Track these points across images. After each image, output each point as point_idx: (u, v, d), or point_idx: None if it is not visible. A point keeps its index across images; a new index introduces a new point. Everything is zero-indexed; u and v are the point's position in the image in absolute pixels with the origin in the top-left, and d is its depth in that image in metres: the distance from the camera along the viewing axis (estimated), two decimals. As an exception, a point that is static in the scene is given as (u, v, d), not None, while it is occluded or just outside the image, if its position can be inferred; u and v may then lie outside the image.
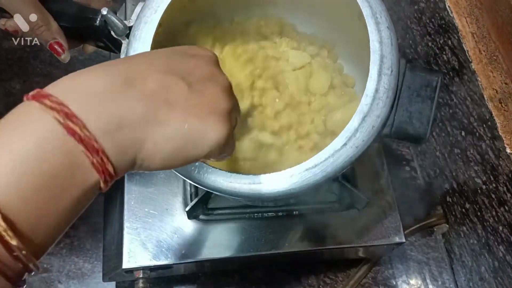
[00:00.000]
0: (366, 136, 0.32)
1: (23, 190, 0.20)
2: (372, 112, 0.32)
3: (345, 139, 0.32)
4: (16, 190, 0.20)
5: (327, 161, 0.32)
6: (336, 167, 0.33)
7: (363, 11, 0.34)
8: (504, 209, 0.50)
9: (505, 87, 0.50)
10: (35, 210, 0.20)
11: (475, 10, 0.54)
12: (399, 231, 0.54)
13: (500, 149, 0.49)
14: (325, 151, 0.33)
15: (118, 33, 0.40)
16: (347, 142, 0.32)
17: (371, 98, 0.32)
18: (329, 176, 0.33)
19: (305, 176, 0.32)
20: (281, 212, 0.54)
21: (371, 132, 0.32)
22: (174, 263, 0.50)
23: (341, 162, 0.32)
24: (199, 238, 0.51)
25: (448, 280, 0.63)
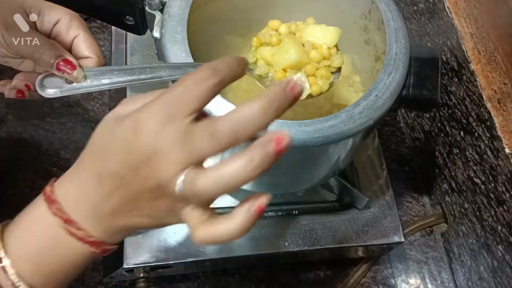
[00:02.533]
0: (393, 88, 0.38)
1: (42, 273, 0.28)
2: (395, 70, 0.39)
3: (376, 91, 0.38)
4: (38, 274, 0.28)
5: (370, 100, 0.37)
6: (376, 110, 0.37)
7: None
8: (503, 209, 0.51)
9: (504, 87, 0.50)
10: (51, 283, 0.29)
11: (474, 10, 0.54)
12: (398, 230, 0.55)
13: (499, 149, 0.49)
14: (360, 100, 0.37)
15: (153, 6, 0.40)
16: (378, 93, 0.38)
17: (393, 60, 0.39)
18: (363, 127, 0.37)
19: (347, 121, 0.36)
20: (281, 212, 0.54)
21: (396, 87, 0.38)
22: (174, 262, 0.50)
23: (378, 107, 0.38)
24: (200, 237, 0.51)
25: (447, 280, 0.63)
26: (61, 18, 0.37)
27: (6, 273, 0.28)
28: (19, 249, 0.28)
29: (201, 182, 0.24)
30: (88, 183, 0.28)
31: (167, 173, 0.24)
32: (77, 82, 0.35)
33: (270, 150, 0.23)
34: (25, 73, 0.37)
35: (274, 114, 0.24)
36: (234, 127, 0.24)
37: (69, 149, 0.64)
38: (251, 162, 0.23)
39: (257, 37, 0.45)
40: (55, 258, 0.29)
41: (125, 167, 0.26)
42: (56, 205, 0.28)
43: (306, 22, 0.46)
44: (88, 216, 0.28)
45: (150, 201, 0.26)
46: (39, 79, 0.34)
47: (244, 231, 0.25)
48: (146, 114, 0.25)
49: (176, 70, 0.35)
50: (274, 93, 0.24)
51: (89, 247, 0.28)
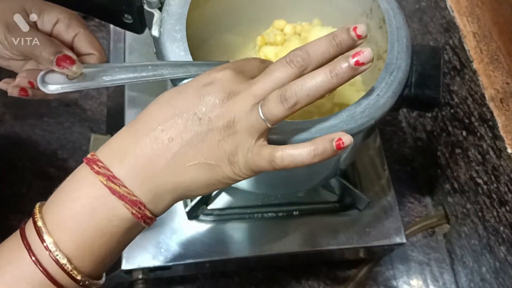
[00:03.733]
0: (395, 87, 0.38)
1: (80, 241, 0.27)
2: (397, 69, 0.38)
3: (378, 90, 0.37)
4: (76, 241, 0.27)
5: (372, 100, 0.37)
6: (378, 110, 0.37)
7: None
8: (506, 210, 0.50)
9: (507, 87, 0.50)
10: (90, 255, 0.27)
11: (476, 9, 0.54)
12: (400, 231, 0.54)
13: (501, 149, 0.49)
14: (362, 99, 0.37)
15: (152, 5, 0.39)
16: (379, 93, 0.37)
17: (395, 58, 0.39)
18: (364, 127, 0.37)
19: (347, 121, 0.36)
20: (281, 213, 0.53)
21: (397, 86, 0.38)
22: (173, 264, 0.49)
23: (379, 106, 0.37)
24: (199, 239, 0.50)
25: (449, 281, 0.63)
26: (60, 18, 0.37)
27: (44, 244, 0.26)
28: (57, 218, 0.27)
29: (288, 89, 0.27)
30: (144, 133, 0.27)
31: (242, 108, 0.28)
32: (78, 78, 0.35)
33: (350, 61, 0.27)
34: (28, 70, 0.37)
35: (337, 47, 0.28)
36: (303, 53, 0.28)
37: (66, 149, 0.64)
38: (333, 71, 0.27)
39: (261, 36, 0.45)
40: (95, 224, 0.27)
41: (197, 108, 0.27)
42: (99, 164, 0.27)
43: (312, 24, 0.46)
44: (134, 173, 0.27)
45: (215, 143, 0.27)
46: (41, 76, 0.34)
47: (319, 158, 0.28)
48: (220, 66, 0.30)
49: (178, 68, 0.35)
50: (338, 30, 0.28)
51: (130, 207, 0.27)
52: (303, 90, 0.27)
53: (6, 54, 0.36)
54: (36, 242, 0.26)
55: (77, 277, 0.27)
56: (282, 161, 0.28)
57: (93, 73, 0.35)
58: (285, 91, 0.27)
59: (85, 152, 0.62)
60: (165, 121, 0.28)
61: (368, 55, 0.27)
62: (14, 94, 0.37)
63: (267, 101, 0.27)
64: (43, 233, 0.26)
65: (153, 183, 0.28)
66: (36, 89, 0.36)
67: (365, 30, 0.27)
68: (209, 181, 0.29)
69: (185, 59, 0.37)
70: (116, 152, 0.28)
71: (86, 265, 0.27)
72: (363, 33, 0.27)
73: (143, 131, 0.28)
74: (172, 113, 0.28)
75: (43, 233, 0.26)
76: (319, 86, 0.27)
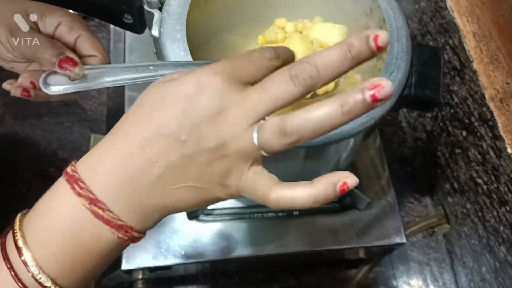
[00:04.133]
0: (394, 87, 0.37)
1: (63, 262, 0.25)
2: (397, 69, 0.38)
3: None
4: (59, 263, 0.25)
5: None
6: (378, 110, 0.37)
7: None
8: (505, 210, 0.50)
9: (507, 87, 0.50)
10: (75, 275, 0.26)
11: (476, 9, 0.54)
12: (400, 231, 0.54)
13: (501, 149, 0.49)
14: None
15: (152, 5, 0.39)
16: None
17: (395, 59, 0.39)
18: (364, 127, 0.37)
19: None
20: (281, 213, 0.53)
21: (397, 86, 0.38)
22: (173, 264, 0.49)
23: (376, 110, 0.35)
24: (199, 238, 0.50)
25: (449, 281, 0.63)
26: (62, 20, 0.37)
27: (26, 265, 0.25)
28: (39, 237, 0.26)
29: (289, 122, 0.23)
30: (125, 153, 0.25)
31: (234, 128, 0.24)
32: (79, 79, 0.34)
33: (366, 95, 0.22)
34: (31, 71, 0.38)
35: (353, 60, 0.23)
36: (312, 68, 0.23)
37: (66, 149, 0.64)
38: (344, 106, 0.23)
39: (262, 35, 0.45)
40: (79, 246, 0.25)
41: (181, 127, 0.24)
42: (80, 184, 0.25)
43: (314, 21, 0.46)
44: (118, 195, 0.25)
45: (203, 166, 0.24)
46: (43, 77, 0.34)
47: (321, 202, 0.25)
48: (210, 69, 0.25)
49: (179, 68, 0.35)
50: (354, 38, 0.23)
51: (116, 232, 0.25)
52: (308, 126, 0.23)
53: (8, 57, 0.36)
54: (17, 259, 0.25)
55: None
56: (278, 204, 0.25)
57: (94, 74, 0.35)
58: (286, 124, 0.23)
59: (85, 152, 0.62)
60: (147, 139, 0.25)
61: (387, 91, 0.22)
62: (17, 94, 0.37)
63: (264, 130, 0.24)
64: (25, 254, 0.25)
65: (138, 204, 0.25)
66: (38, 90, 0.36)
67: (387, 40, 0.23)
68: (197, 202, 0.26)
69: (185, 59, 0.37)
70: (98, 171, 0.25)
71: (71, 284, 0.26)
72: (385, 44, 0.23)
73: (124, 148, 0.25)
74: (155, 131, 0.24)
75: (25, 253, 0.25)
76: (326, 122, 0.23)
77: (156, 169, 0.25)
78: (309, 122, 0.23)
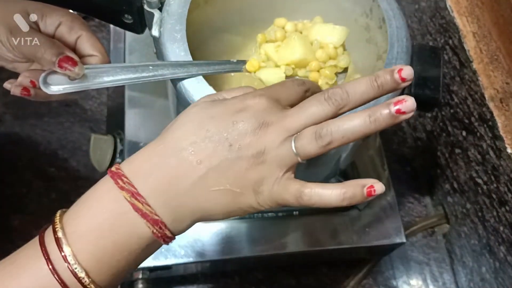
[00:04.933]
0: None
1: (99, 255, 0.27)
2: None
3: None
4: (95, 255, 0.27)
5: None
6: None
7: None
8: (505, 210, 0.50)
9: (506, 87, 0.50)
10: (108, 270, 0.27)
11: (476, 9, 0.54)
12: (400, 231, 0.54)
13: (501, 149, 0.49)
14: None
15: (152, 5, 0.39)
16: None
17: (394, 59, 0.39)
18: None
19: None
20: (281, 213, 0.53)
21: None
22: (173, 264, 0.49)
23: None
24: (199, 238, 0.50)
25: (449, 281, 0.63)
26: (63, 20, 0.37)
27: (63, 256, 0.26)
28: (78, 230, 0.27)
29: (324, 127, 0.26)
30: (171, 153, 0.27)
31: (274, 139, 0.27)
32: (79, 79, 0.35)
33: (392, 109, 0.26)
34: (31, 70, 0.38)
35: (378, 89, 0.27)
36: (342, 92, 0.27)
37: (66, 149, 0.64)
38: (372, 116, 0.26)
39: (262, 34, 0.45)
40: (115, 240, 0.27)
41: (229, 134, 0.27)
42: (123, 179, 0.27)
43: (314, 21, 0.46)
44: (158, 192, 0.27)
45: (242, 171, 0.27)
46: (43, 76, 0.34)
47: (348, 201, 0.27)
48: (254, 92, 0.29)
49: (178, 68, 0.35)
50: (382, 71, 0.27)
51: (152, 226, 0.27)
52: (339, 131, 0.26)
53: (9, 57, 0.36)
54: (55, 251, 0.26)
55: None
56: (310, 199, 0.27)
57: (94, 74, 0.35)
58: (320, 128, 0.27)
59: (86, 152, 0.62)
60: (195, 143, 0.27)
61: (410, 105, 0.26)
62: (17, 93, 0.37)
63: (301, 137, 0.27)
64: (63, 244, 0.26)
65: (175, 203, 0.27)
66: (38, 89, 0.36)
67: (411, 74, 0.26)
68: (230, 208, 0.28)
69: (185, 59, 0.37)
70: (141, 169, 0.28)
71: (103, 279, 0.27)
72: (409, 76, 0.27)
73: (172, 150, 0.27)
74: (203, 136, 0.27)
75: (63, 243, 0.26)
76: (356, 129, 0.26)
77: (199, 171, 0.27)
78: (340, 127, 0.26)
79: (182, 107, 0.39)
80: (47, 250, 0.26)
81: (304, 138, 0.27)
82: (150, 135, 0.53)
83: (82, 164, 0.63)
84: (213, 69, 0.36)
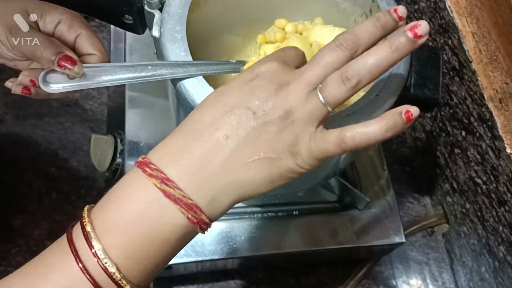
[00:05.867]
0: (394, 87, 0.38)
1: (130, 248, 0.25)
2: (396, 69, 0.38)
3: (377, 91, 0.37)
4: (126, 249, 0.25)
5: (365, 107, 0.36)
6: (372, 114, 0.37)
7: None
8: (505, 209, 0.50)
9: (506, 87, 0.50)
10: (140, 264, 0.26)
11: (476, 10, 0.54)
12: (399, 231, 0.54)
13: (500, 149, 0.49)
14: (361, 100, 0.36)
15: (152, 5, 0.39)
16: (379, 93, 0.37)
17: None
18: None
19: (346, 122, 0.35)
20: (281, 212, 0.53)
21: (397, 87, 0.38)
22: (173, 263, 0.49)
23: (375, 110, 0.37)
24: (199, 238, 0.50)
25: (449, 281, 0.63)
26: (62, 19, 0.37)
27: (92, 250, 0.25)
28: (107, 223, 0.25)
29: (349, 69, 0.26)
30: (195, 135, 0.26)
31: (297, 96, 0.26)
32: (79, 78, 0.35)
33: (409, 34, 0.26)
34: (31, 69, 0.38)
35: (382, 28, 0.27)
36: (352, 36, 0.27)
37: (67, 149, 0.64)
38: (392, 46, 0.26)
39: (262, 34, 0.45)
40: (145, 230, 0.25)
41: (249, 103, 0.26)
42: (151, 166, 0.26)
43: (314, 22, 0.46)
44: (189, 175, 0.26)
45: (273, 135, 0.26)
46: (42, 75, 0.35)
47: (391, 133, 0.27)
48: (262, 59, 0.29)
49: (177, 68, 0.35)
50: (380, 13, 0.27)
51: (186, 212, 0.25)
52: (366, 67, 0.26)
53: (9, 55, 0.36)
54: (84, 247, 0.25)
55: (125, 287, 0.25)
56: (354, 140, 0.26)
57: (93, 73, 0.35)
58: (345, 71, 0.26)
59: (86, 152, 0.62)
60: (217, 120, 0.26)
61: (425, 28, 0.26)
62: (17, 92, 0.37)
63: (327, 84, 0.26)
64: (92, 239, 0.25)
65: (210, 184, 0.26)
66: (38, 88, 0.36)
67: (405, 11, 0.27)
68: (271, 176, 0.27)
69: (185, 60, 0.37)
70: (168, 155, 0.26)
71: (135, 274, 0.26)
72: (404, 14, 0.27)
73: (195, 132, 0.27)
74: (223, 111, 0.27)
75: (92, 238, 0.25)
76: (381, 62, 0.26)
77: (229, 145, 0.26)
78: (366, 64, 0.26)
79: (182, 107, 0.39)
80: (76, 246, 0.25)
81: (330, 85, 0.26)
82: (150, 135, 0.54)
83: (83, 164, 0.63)
84: (212, 69, 0.36)
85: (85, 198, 0.60)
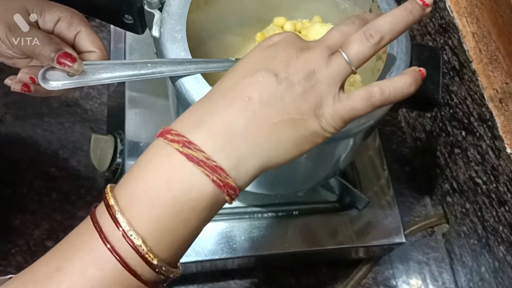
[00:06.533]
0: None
1: (156, 218, 0.24)
2: (396, 69, 0.38)
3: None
4: (151, 219, 0.24)
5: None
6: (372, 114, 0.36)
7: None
8: (505, 209, 0.50)
9: (506, 87, 0.50)
10: (167, 236, 0.25)
11: (476, 9, 0.54)
12: (399, 231, 0.54)
13: (500, 149, 0.49)
14: None
15: (152, 5, 0.39)
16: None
17: (394, 59, 0.39)
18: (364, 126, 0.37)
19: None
20: (281, 212, 0.53)
21: None
22: (173, 264, 0.49)
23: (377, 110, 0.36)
24: (199, 238, 0.50)
25: (449, 280, 0.63)
26: (62, 16, 0.37)
27: (116, 223, 0.24)
28: (130, 192, 0.25)
29: (371, 26, 0.27)
30: (215, 99, 0.26)
31: (320, 57, 0.27)
32: (78, 75, 0.35)
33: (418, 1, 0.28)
34: (30, 67, 0.38)
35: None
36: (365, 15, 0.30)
37: (67, 149, 0.64)
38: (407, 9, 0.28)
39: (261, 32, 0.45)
40: (170, 197, 0.24)
41: (270, 65, 0.26)
42: (172, 132, 0.25)
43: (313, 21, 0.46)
44: (214, 138, 0.25)
45: (298, 96, 0.26)
46: (41, 72, 0.35)
47: (414, 88, 0.29)
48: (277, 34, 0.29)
49: (177, 65, 0.35)
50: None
51: (211, 175, 0.24)
52: (387, 24, 0.27)
53: (8, 53, 0.36)
54: (108, 222, 0.24)
55: (153, 261, 0.24)
56: (383, 93, 0.27)
57: (92, 70, 0.35)
58: (368, 28, 0.27)
59: (86, 152, 0.62)
60: (237, 83, 0.26)
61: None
62: (17, 89, 0.37)
63: (350, 43, 0.27)
64: (116, 212, 0.24)
65: (234, 147, 0.25)
66: (38, 85, 0.36)
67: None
68: (296, 139, 0.26)
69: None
70: (191, 121, 0.26)
71: (162, 247, 0.25)
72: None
73: (217, 97, 0.26)
74: (243, 75, 0.26)
75: (116, 211, 0.24)
76: (400, 20, 0.28)
77: (252, 106, 0.25)
78: (387, 22, 0.28)
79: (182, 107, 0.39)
80: (100, 223, 0.24)
81: (354, 43, 0.27)
82: (150, 135, 0.54)
83: (83, 164, 0.63)
84: (211, 67, 0.36)
85: (85, 198, 0.60)
